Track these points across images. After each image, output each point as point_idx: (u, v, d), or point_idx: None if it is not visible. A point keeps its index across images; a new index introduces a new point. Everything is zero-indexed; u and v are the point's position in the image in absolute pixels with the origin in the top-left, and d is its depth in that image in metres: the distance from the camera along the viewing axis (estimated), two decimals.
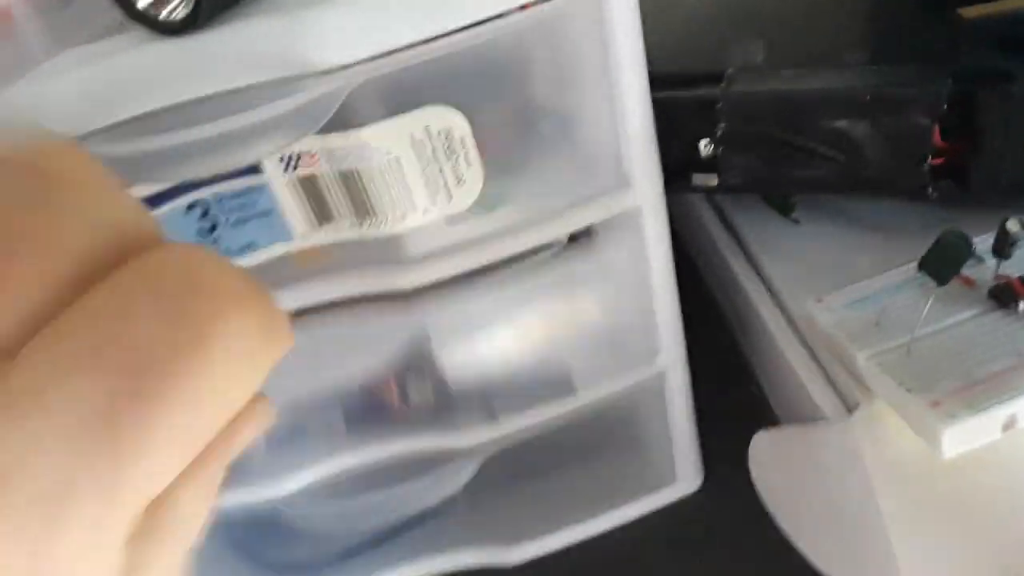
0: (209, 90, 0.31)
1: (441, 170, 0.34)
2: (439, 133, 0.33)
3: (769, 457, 0.41)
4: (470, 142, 0.33)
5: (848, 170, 0.40)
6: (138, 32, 0.32)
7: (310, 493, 0.42)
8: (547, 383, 0.42)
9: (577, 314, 0.42)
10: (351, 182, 0.34)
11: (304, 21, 0.31)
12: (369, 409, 0.42)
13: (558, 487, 0.47)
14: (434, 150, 0.33)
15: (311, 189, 0.35)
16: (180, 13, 0.31)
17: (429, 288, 0.37)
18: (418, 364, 0.40)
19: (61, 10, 0.33)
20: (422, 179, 0.34)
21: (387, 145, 0.33)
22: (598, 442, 0.46)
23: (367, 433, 0.41)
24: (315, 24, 0.31)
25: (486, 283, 0.37)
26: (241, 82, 0.31)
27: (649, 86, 0.35)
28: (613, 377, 0.41)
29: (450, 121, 0.33)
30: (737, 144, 0.42)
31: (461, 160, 0.34)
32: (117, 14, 0.33)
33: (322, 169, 0.34)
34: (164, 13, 0.31)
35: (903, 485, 0.34)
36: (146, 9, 0.31)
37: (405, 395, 0.41)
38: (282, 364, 0.17)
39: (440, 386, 0.41)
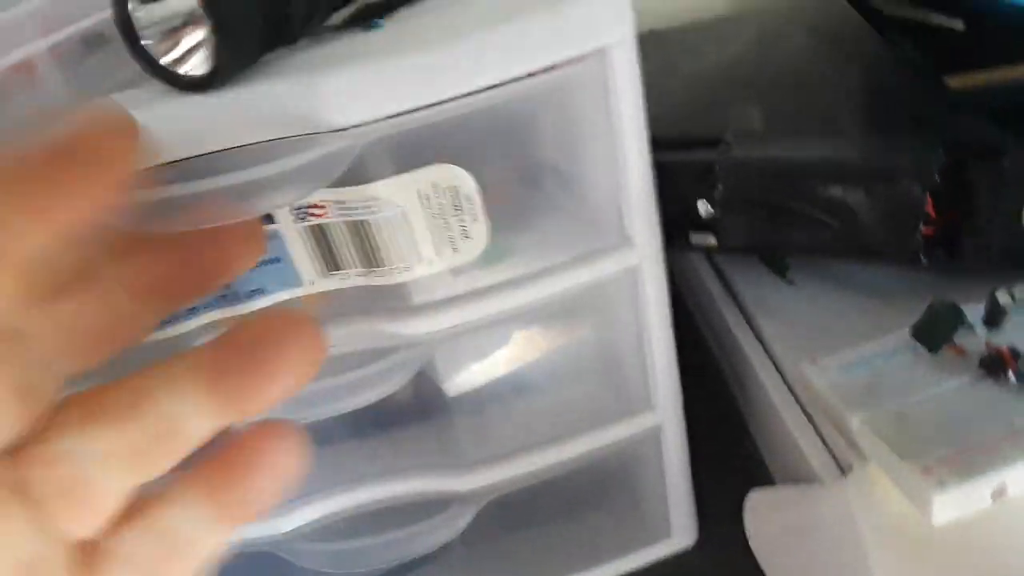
0: (225, 145, 0.32)
1: (447, 224, 0.35)
2: (446, 189, 0.34)
3: (763, 515, 0.41)
4: (476, 198, 0.34)
5: (842, 236, 0.41)
6: (156, 86, 0.33)
7: (306, 533, 0.42)
8: (545, 422, 0.42)
9: (575, 359, 0.43)
10: (360, 233, 0.35)
11: (318, 83, 0.32)
12: (368, 445, 0.42)
13: (553, 537, 0.47)
14: (441, 205, 0.34)
15: (321, 238, 0.35)
16: (200, 71, 0.32)
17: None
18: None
19: (82, 61, 0.35)
20: (429, 232, 0.35)
21: (396, 199, 0.34)
22: (594, 493, 0.47)
23: (366, 472, 0.42)
24: (329, 86, 0.32)
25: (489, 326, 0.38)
26: (257, 138, 0.32)
27: (650, 148, 0.36)
28: (609, 427, 0.42)
29: (457, 178, 0.34)
30: (734, 207, 0.43)
31: (467, 215, 0.35)
32: (136, 68, 0.35)
33: (332, 219, 0.35)
34: (184, 70, 0.32)
35: (895, 548, 0.35)
36: (167, 65, 0.32)
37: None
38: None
39: (443, 420, 0.41)
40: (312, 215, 0.35)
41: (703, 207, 0.43)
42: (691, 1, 0.70)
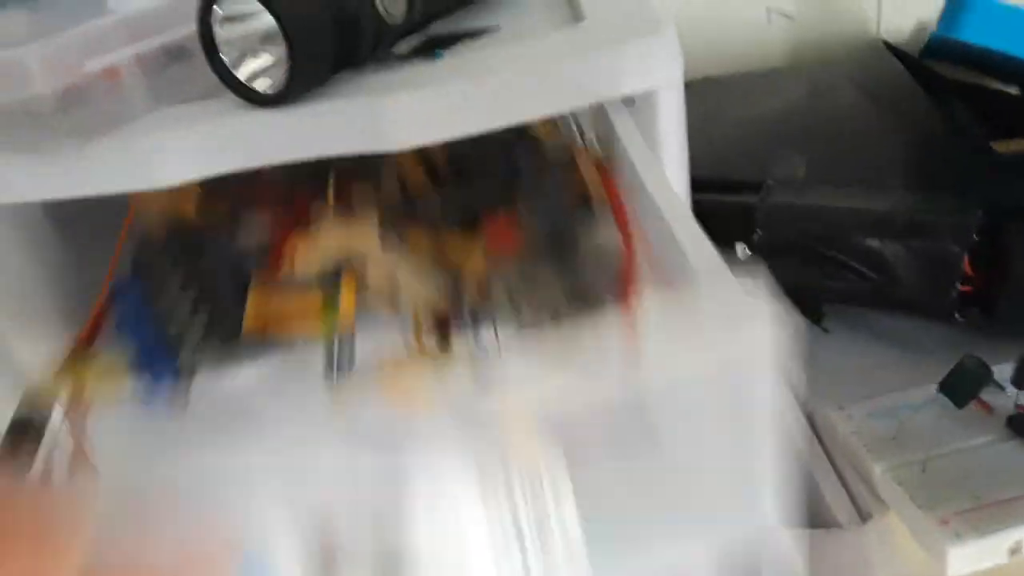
0: (293, 158, 0.34)
1: None
2: None
3: None
4: None
5: (878, 288, 0.42)
6: (232, 99, 0.35)
7: None
8: None
9: None
10: None
11: (382, 104, 0.34)
12: None
13: None
14: None
15: None
16: (274, 88, 0.34)
17: None
18: None
19: (163, 71, 0.37)
20: None
21: None
22: None
23: None
24: (392, 107, 0.34)
25: None
26: (322, 153, 0.34)
27: (691, 188, 0.38)
28: None
29: None
30: (772, 252, 0.44)
31: None
32: (212, 80, 0.37)
33: None
34: (259, 86, 0.34)
35: None
36: (244, 81, 0.34)
37: None
38: None
39: None
40: None
41: (741, 250, 0.44)
42: (747, 50, 0.72)
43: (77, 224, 0.43)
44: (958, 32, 0.49)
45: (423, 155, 0.42)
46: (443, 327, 0.35)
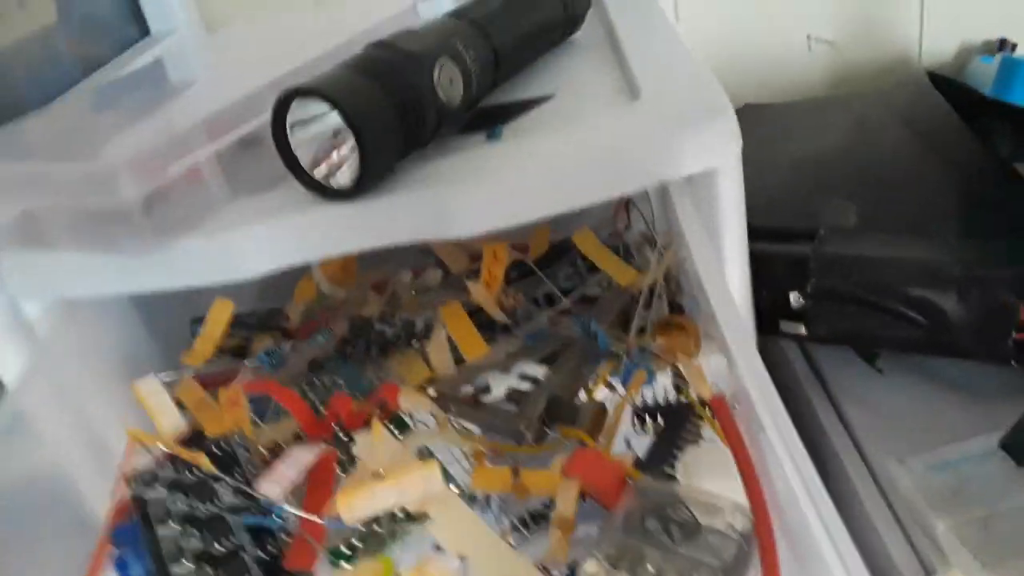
0: (365, 246, 0.36)
1: None
2: None
3: None
4: None
5: (933, 335, 0.43)
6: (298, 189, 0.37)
7: None
8: None
9: None
10: None
11: (447, 194, 0.35)
12: None
13: None
14: None
15: None
16: (345, 180, 0.36)
17: None
18: None
19: (238, 162, 0.39)
20: None
21: None
22: None
23: None
24: (454, 198, 0.35)
25: None
26: (392, 241, 0.36)
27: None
28: None
29: None
30: (825, 299, 0.45)
31: None
32: (280, 165, 0.39)
33: None
34: (331, 180, 0.36)
35: None
36: (317, 178, 0.36)
37: None
38: None
39: None
40: None
41: (795, 298, 0.45)
42: (788, 77, 0.72)
43: (156, 308, 0.45)
44: (1010, 95, 0.49)
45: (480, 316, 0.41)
46: None
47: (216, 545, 0.32)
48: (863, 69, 0.71)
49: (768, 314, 0.46)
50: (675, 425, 0.35)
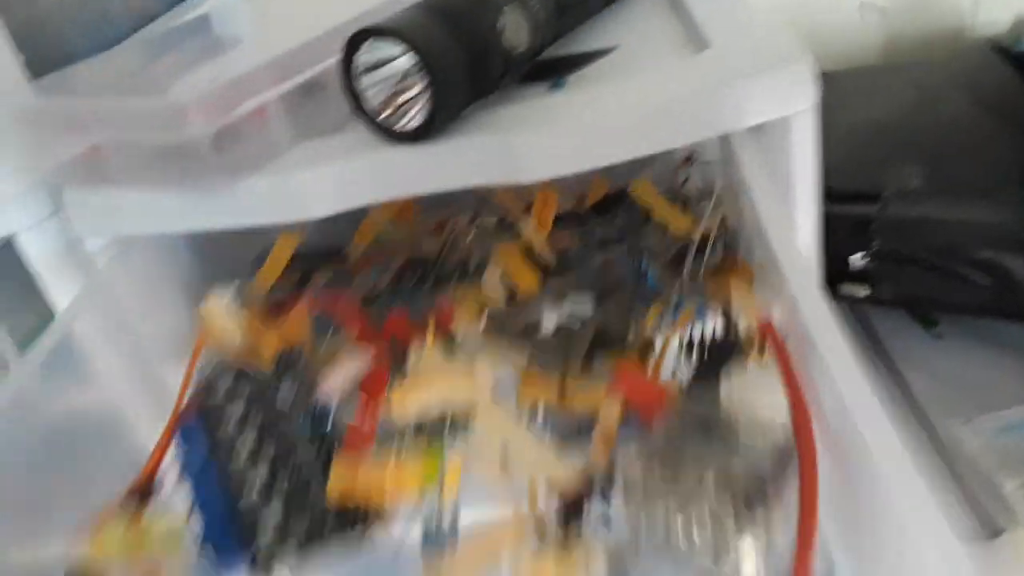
0: (430, 190, 0.36)
1: None
2: None
3: None
4: None
5: (999, 297, 0.42)
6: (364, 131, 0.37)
7: None
8: None
9: None
10: None
11: (514, 140, 0.35)
12: None
13: None
14: None
15: None
16: (414, 124, 0.35)
17: None
18: None
19: (302, 106, 0.39)
20: None
21: None
22: None
23: None
24: (525, 143, 0.35)
25: None
26: (458, 185, 0.35)
27: None
28: None
29: None
30: (890, 262, 0.44)
31: None
32: (344, 111, 0.39)
33: None
34: (399, 123, 0.36)
35: None
36: (385, 120, 0.35)
37: None
38: None
39: None
40: None
41: (857, 259, 0.45)
42: (840, 46, 0.71)
43: (211, 250, 0.45)
44: None
45: (533, 256, 0.41)
46: (567, 506, 0.30)
47: (275, 446, 0.33)
48: (915, 38, 0.70)
49: (827, 277, 0.45)
50: (722, 354, 0.35)
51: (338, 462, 0.32)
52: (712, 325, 0.36)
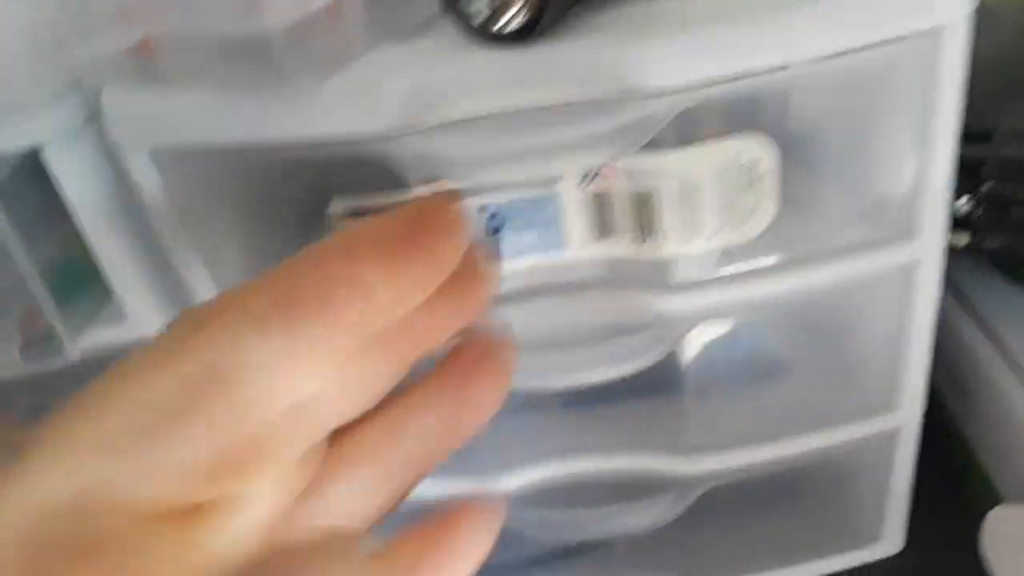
0: (531, 102, 0.32)
1: (736, 200, 0.34)
2: (746, 164, 0.33)
3: (1006, 534, 0.39)
4: (774, 176, 0.33)
5: None
6: (445, 33, 0.32)
7: (523, 498, 0.42)
8: (778, 414, 0.41)
9: (818, 352, 0.41)
10: (643, 202, 0.34)
11: (635, 43, 0.31)
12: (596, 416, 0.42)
13: (756, 531, 0.46)
14: (737, 180, 0.33)
15: (600, 204, 0.35)
16: (515, 25, 0.31)
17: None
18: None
19: (382, 2, 0.34)
20: (717, 207, 0.34)
21: (692, 170, 0.33)
22: (808, 490, 0.45)
23: (591, 442, 0.41)
24: (647, 47, 0.31)
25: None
26: (563, 97, 0.31)
27: None
28: (845, 425, 0.40)
29: (761, 153, 0.33)
30: (1000, 207, 0.41)
31: (760, 192, 0.34)
32: (427, 10, 0.34)
33: (617, 187, 0.34)
34: (498, 24, 0.31)
35: None
36: (484, 22, 0.31)
37: None
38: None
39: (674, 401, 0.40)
40: (598, 181, 0.34)
41: (962, 204, 0.41)
42: None
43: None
44: None
45: None
46: None
47: None
48: None
49: None
50: None
51: None
52: None
